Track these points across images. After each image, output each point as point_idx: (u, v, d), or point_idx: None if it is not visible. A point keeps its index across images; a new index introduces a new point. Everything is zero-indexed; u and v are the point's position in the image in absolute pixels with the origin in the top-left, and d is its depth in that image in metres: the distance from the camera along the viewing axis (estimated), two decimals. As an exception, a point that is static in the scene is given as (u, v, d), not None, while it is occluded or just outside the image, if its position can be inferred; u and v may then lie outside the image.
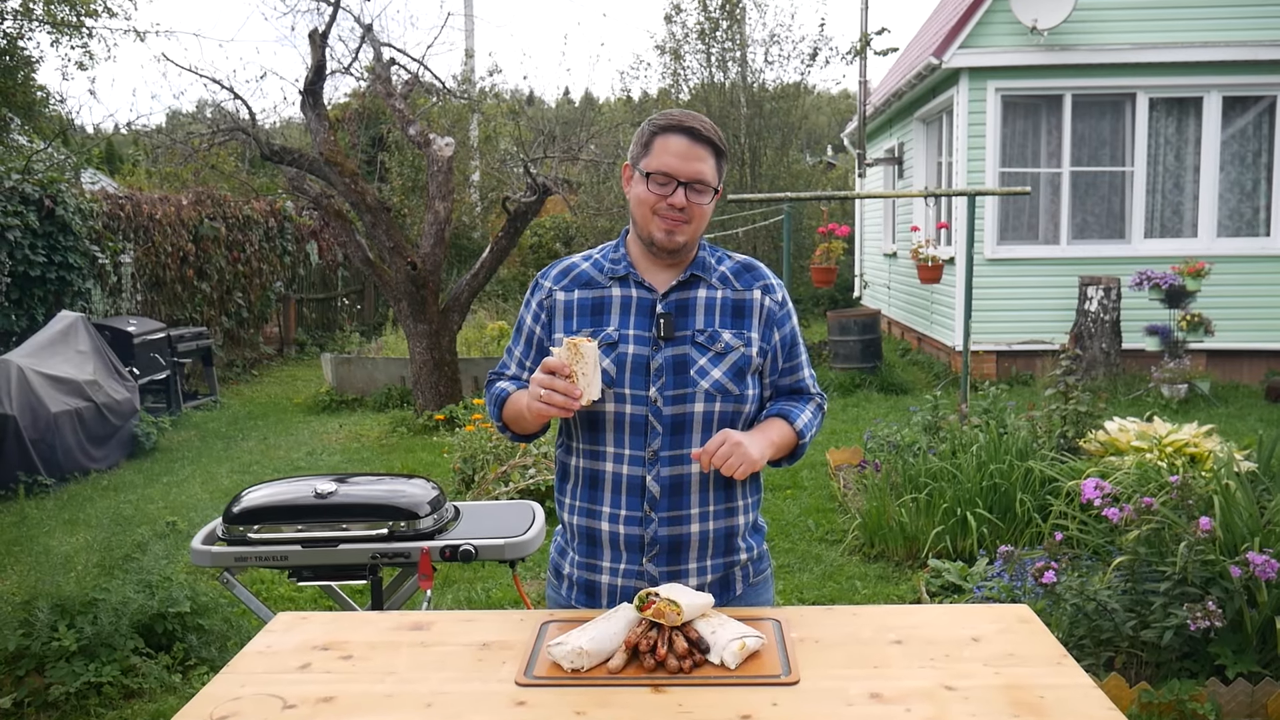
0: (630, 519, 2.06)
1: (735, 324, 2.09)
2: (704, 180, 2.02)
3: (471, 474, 6.34)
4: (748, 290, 2.12)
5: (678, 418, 2.04)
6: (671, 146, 2.01)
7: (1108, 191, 10.67)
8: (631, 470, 2.05)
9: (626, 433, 2.05)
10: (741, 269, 2.16)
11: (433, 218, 8.96)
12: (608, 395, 2.03)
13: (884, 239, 14.89)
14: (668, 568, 2.07)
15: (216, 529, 3.09)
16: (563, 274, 2.16)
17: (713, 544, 2.09)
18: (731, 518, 2.11)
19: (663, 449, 2.04)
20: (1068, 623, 3.63)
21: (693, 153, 2.01)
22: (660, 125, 2.04)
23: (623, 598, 2.07)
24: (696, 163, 2.01)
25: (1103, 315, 9.62)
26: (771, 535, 5.77)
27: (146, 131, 12.69)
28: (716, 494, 2.08)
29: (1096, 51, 10.13)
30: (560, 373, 1.90)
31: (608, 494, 2.07)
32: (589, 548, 2.12)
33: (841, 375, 10.72)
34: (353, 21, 10.77)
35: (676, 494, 2.05)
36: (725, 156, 2.10)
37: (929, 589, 4.67)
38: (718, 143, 2.06)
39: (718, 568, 2.11)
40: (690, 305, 2.08)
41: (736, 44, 13.54)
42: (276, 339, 14.70)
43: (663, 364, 2.04)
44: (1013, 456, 5.33)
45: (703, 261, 2.12)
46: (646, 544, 2.06)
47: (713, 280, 2.11)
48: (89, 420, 7.82)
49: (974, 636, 1.87)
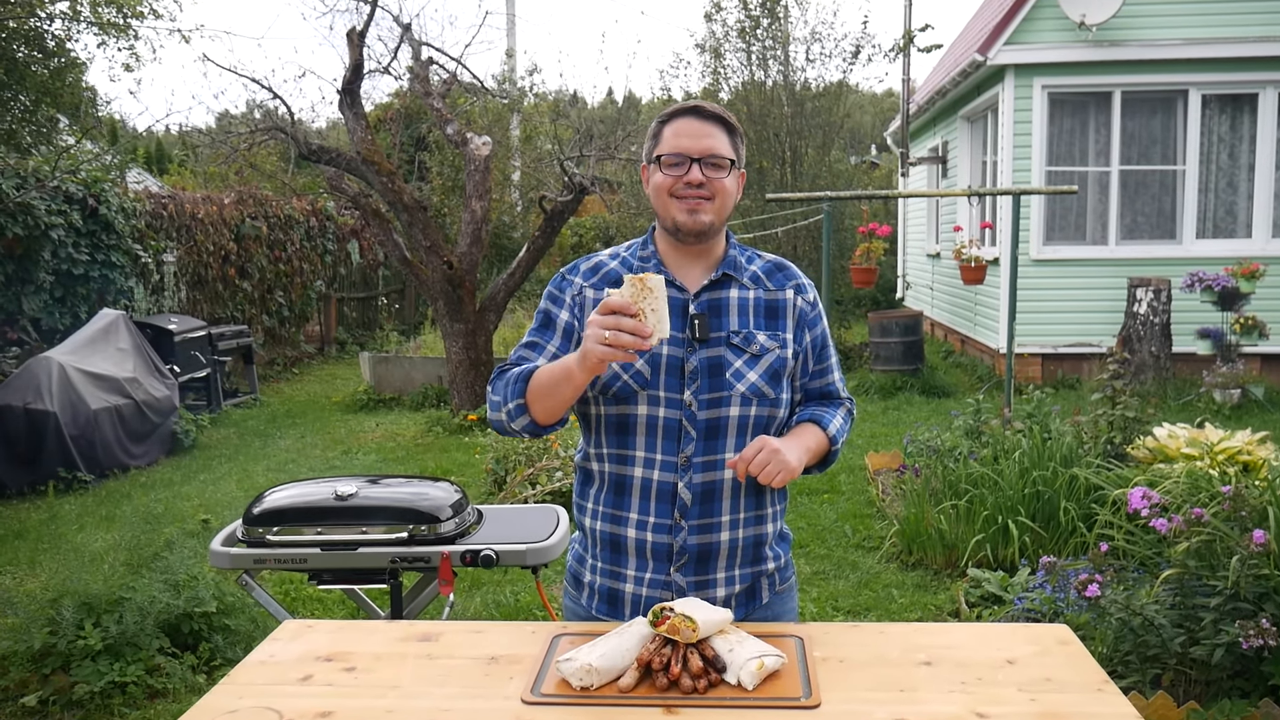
0: (659, 526, 1.97)
1: (770, 325, 2.02)
2: (717, 154, 1.95)
3: (504, 475, 6.29)
4: (780, 290, 2.05)
5: (712, 422, 1.96)
6: (680, 128, 1.97)
7: (1158, 190, 10.41)
8: (663, 476, 1.96)
9: (659, 437, 1.96)
10: (773, 268, 2.09)
11: (469, 217, 8.94)
12: (640, 398, 1.94)
13: (927, 239, 14.68)
14: (695, 577, 1.99)
15: (237, 530, 3.05)
16: (592, 271, 2.08)
17: (741, 553, 2.02)
18: (760, 525, 2.04)
19: (696, 454, 1.95)
20: (1112, 638, 3.49)
21: (701, 130, 1.96)
22: (666, 115, 2.02)
23: (647, 608, 1.98)
24: (707, 139, 1.96)
25: (1152, 318, 9.37)
26: (807, 541, 5.65)
27: (188, 131, 12.83)
28: (747, 501, 2.01)
29: (1147, 47, 9.88)
30: (625, 311, 1.74)
31: (635, 500, 1.99)
32: (613, 555, 2.04)
33: (882, 377, 10.55)
34: (391, 21, 10.77)
35: (708, 501, 1.97)
36: (739, 134, 2.03)
37: (968, 599, 4.54)
38: (727, 119, 2.00)
39: (745, 577, 2.04)
40: (723, 305, 2.00)
41: (778, 42, 13.40)
42: (317, 337, 14.80)
43: (698, 366, 1.95)
44: (1057, 463, 5.17)
45: (734, 260, 2.04)
46: (675, 553, 1.98)
47: (744, 280, 2.03)
48: (128, 417, 7.88)
49: (1009, 659, 1.77)
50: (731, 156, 1.98)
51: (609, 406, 1.98)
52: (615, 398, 1.97)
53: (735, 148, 2.00)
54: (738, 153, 2.01)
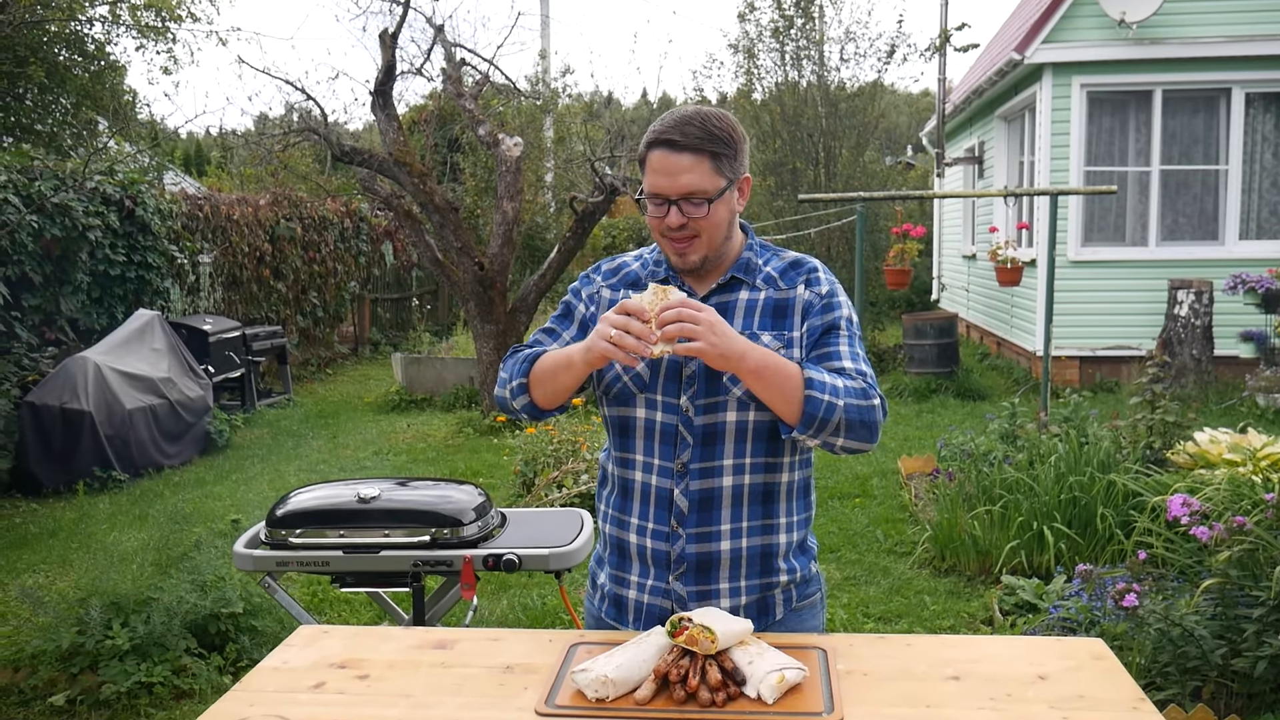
0: (657, 533, 1.94)
1: (776, 325, 1.93)
2: (694, 191, 1.83)
3: (532, 477, 6.26)
4: (791, 288, 1.96)
5: (709, 427, 1.90)
6: (655, 164, 1.85)
7: (1200, 191, 10.21)
8: (660, 482, 1.93)
9: (656, 441, 1.93)
10: (788, 267, 1.99)
11: (500, 218, 8.93)
12: (639, 401, 1.92)
13: (963, 241, 14.52)
14: (696, 586, 1.94)
15: (260, 532, 3.04)
16: (613, 271, 2.07)
17: (746, 564, 1.94)
18: (769, 536, 1.96)
19: (693, 461, 1.90)
20: (1151, 649, 3.40)
21: (674, 165, 1.83)
22: (646, 142, 1.88)
23: (648, 615, 1.96)
24: (681, 175, 1.82)
25: (1194, 320, 9.19)
26: (837, 545, 5.58)
27: (226, 134, 12.95)
28: (751, 510, 1.94)
29: (1189, 45, 9.70)
30: (639, 316, 1.73)
31: (636, 504, 1.97)
32: (619, 559, 2.02)
33: (916, 380, 10.43)
34: (424, 23, 10.80)
35: (706, 509, 1.92)
36: (730, 149, 1.86)
37: (1002, 607, 4.45)
38: (702, 144, 1.83)
39: (753, 589, 1.96)
40: (730, 308, 1.94)
41: (812, 42, 13.29)
42: (351, 338, 14.87)
43: (695, 370, 1.90)
44: (1094, 468, 5.06)
45: (746, 263, 1.97)
46: (673, 560, 1.93)
47: (756, 281, 1.96)
48: (163, 417, 7.94)
49: (1040, 674, 1.70)
50: (713, 187, 1.84)
51: (610, 408, 1.98)
52: (616, 399, 1.96)
53: (722, 170, 1.86)
54: (729, 171, 1.87)
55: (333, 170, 15.86)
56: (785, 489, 1.97)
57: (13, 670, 3.88)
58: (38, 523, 6.42)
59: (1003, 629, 4.27)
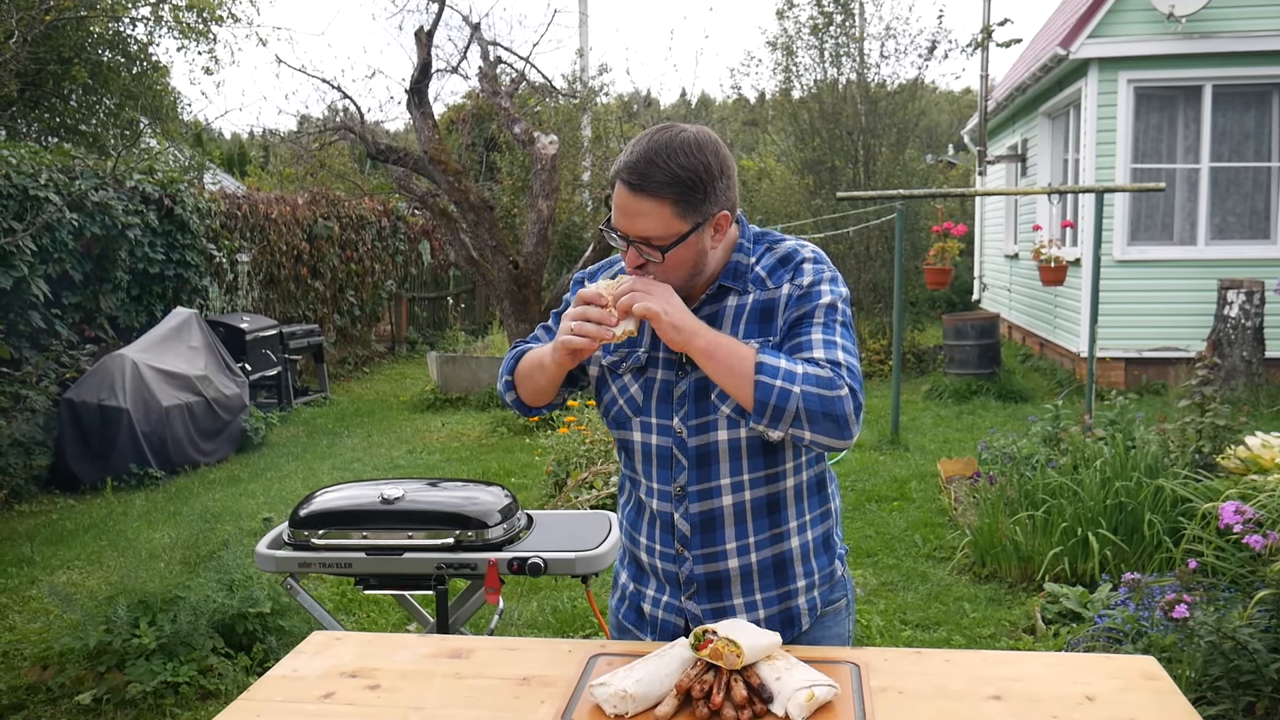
0: (665, 555, 1.89)
1: (763, 329, 1.79)
2: (649, 238, 1.71)
3: (564, 477, 6.20)
4: (778, 287, 1.81)
5: (702, 449, 1.81)
6: (617, 199, 1.73)
7: (1251, 189, 9.94)
8: (661, 505, 1.87)
9: (654, 465, 1.86)
10: (777, 263, 1.83)
11: (535, 216, 8.89)
12: (634, 424, 1.87)
13: (1005, 240, 14.29)
14: (709, 604, 1.86)
15: (283, 533, 2.99)
16: (607, 265, 1.99)
17: (759, 577, 1.85)
18: (779, 544, 1.86)
19: (690, 484, 1.83)
20: (1201, 662, 3.27)
21: (631, 206, 1.70)
22: (613, 170, 1.74)
23: (663, 630, 1.90)
24: (637, 218, 1.70)
25: (1244, 321, 8.95)
26: (875, 550, 5.46)
27: (268, 132, 13.01)
28: (757, 523, 1.84)
29: (1240, 39, 9.44)
30: (595, 303, 1.69)
31: (645, 524, 1.92)
32: (637, 571, 1.98)
33: (957, 381, 10.26)
34: (460, 21, 10.80)
35: (709, 530, 1.84)
36: (689, 195, 1.70)
37: (1044, 615, 4.32)
38: (662, 190, 1.68)
39: (770, 601, 1.87)
40: (719, 316, 1.81)
41: (851, 39, 13.12)
42: (388, 337, 14.91)
43: (686, 390, 1.81)
44: (1141, 473, 4.90)
45: (734, 267, 1.83)
46: (683, 581, 1.87)
47: (746, 285, 1.82)
48: (199, 414, 7.97)
49: (1088, 694, 1.60)
50: (672, 234, 1.70)
51: (613, 429, 1.94)
52: (614, 422, 1.92)
53: (686, 214, 1.70)
54: (696, 213, 1.71)
55: (370, 169, 15.93)
56: (793, 493, 1.86)
57: (40, 668, 3.87)
58: (73, 519, 6.45)
59: (1045, 638, 4.14)
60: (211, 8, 14.59)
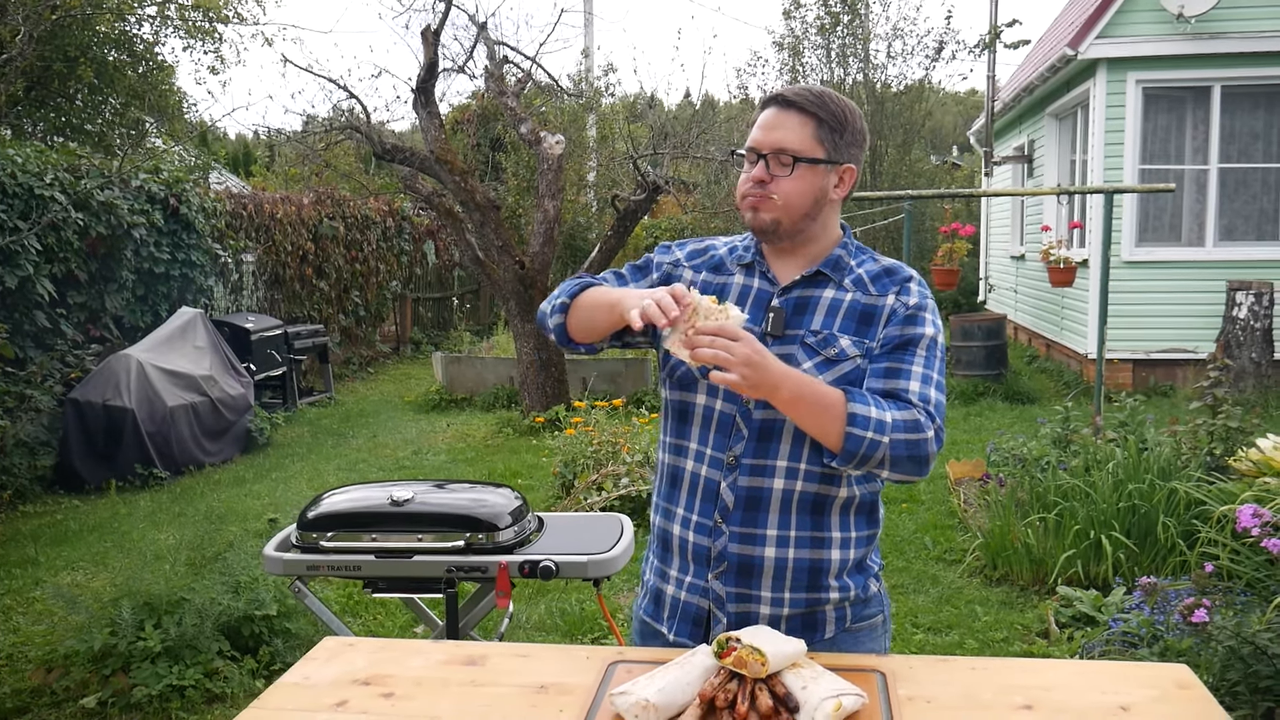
0: (700, 526, 1.85)
1: (860, 331, 1.82)
2: (784, 148, 1.78)
3: (572, 479, 6.16)
4: (882, 296, 1.84)
5: (767, 423, 1.79)
6: (760, 120, 1.83)
7: (1260, 190, 9.89)
8: (710, 472, 1.84)
9: (712, 430, 1.84)
10: (882, 272, 1.88)
11: (542, 216, 8.85)
12: (700, 386, 1.84)
13: (1011, 241, 14.24)
14: (736, 588, 1.83)
15: (291, 535, 2.95)
16: (697, 253, 2.00)
17: (792, 575, 1.82)
18: (819, 550, 1.83)
19: (745, 455, 1.80)
20: (1219, 666, 3.22)
21: (776, 120, 1.80)
22: (760, 103, 1.87)
23: (683, 615, 1.87)
24: (778, 130, 1.80)
25: (1253, 323, 8.90)
26: (885, 552, 5.42)
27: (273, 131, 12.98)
28: (800, 519, 1.81)
29: (1250, 39, 9.39)
30: (678, 298, 1.65)
31: (684, 495, 1.88)
32: (663, 552, 1.94)
33: (964, 383, 10.22)
34: (466, 20, 10.76)
35: (752, 508, 1.81)
36: (833, 123, 1.81)
37: (1058, 619, 4.28)
38: (812, 107, 1.80)
39: (797, 603, 1.83)
40: (811, 304, 1.84)
41: (858, 39, 13.09)
42: (393, 337, 14.88)
43: None
44: (1154, 475, 4.86)
45: (836, 260, 1.88)
46: (713, 557, 1.83)
47: (845, 281, 1.86)
48: (204, 415, 7.94)
49: (1122, 704, 1.56)
50: (807, 149, 1.79)
51: (673, 391, 1.91)
52: (679, 383, 1.89)
53: (823, 140, 1.80)
54: (831, 147, 1.81)
55: (376, 169, 15.90)
56: (842, 503, 1.84)
57: (45, 671, 3.84)
58: (78, 520, 6.42)
59: (1059, 642, 4.10)
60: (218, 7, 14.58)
